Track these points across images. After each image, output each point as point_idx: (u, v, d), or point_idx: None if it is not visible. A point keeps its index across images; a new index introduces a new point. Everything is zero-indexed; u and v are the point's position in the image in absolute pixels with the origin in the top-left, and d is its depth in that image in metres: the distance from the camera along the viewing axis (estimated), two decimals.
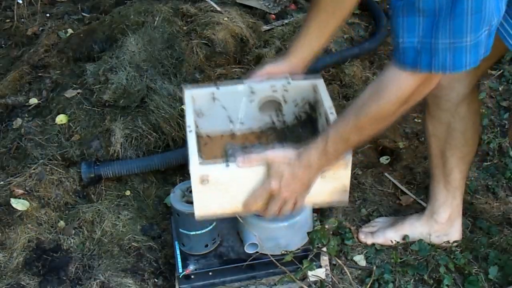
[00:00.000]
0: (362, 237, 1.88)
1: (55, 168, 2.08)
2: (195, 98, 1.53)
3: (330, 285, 1.68)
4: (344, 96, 2.42)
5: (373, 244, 1.86)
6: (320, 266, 1.68)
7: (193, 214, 1.58)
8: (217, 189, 1.34)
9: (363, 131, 1.24)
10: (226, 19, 2.61)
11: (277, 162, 1.29)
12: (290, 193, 1.32)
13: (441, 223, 1.80)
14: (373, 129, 1.24)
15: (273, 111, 1.59)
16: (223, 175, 1.33)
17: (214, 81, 1.66)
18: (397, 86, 1.16)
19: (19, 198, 2.01)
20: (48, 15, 2.98)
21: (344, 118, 1.25)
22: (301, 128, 1.61)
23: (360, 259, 1.83)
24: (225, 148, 1.54)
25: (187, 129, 1.42)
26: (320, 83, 1.54)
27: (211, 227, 1.63)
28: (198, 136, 1.50)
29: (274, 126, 1.62)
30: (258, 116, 1.59)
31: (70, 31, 2.79)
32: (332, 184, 1.39)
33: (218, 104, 1.55)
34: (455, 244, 1.83)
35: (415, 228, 1.83)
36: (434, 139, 1.70)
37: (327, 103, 1.48)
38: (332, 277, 1.71)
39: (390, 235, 1.84)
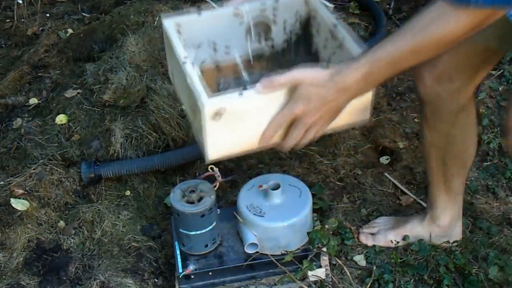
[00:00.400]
0: (362, 239, 1.88)
1: (55, 168, 2.08)
2: (177, 26, 1.35)
3: (330, 285, 1.68)
4: None
5: (374, 245, 1.86)
6: (320, 266, 1.68)
7: (193, 214, 1.59)
8: (231, 123, 1.17)
9: (418, 55, 1.11)
10: None
11: (306, 83, 1.14)
12: (316, 119, 1.17)
13: (443, 227, 1.80)
14: (430, 54, 1.12)
15: (261, 36, 1.45)
16: (238, 106, 1.15)
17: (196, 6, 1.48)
18: (467, 15, 1.05)
19: (19, 198, 2.01)
20: (48, 15, 2.99)
21: (397, 39, 1.10)
22: (294, 51, 1.48)
23: (360, 259, 1.83)
24: (216, 82, 1.40)
25: (181, 61, 1.23)
26: None
27: (211, 227, 1.63)
28: None
29: (263, 53, 1.47)
30: (245, 43, 1.44)
31: (70, 31, 2.79)
32: (354, 102, 1.23)
33: (201, 32, 1.38)
34: (455, 244, 1.83)
35: (416, 233, 1.83)
36: (433, 149, 1.68)
37: (327, 16, 1.31)
38: (332, 277, 1.71)
39: (391, 237, 1.84)
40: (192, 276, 1.64)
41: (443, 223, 1.80)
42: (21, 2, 2.99)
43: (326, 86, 1.13)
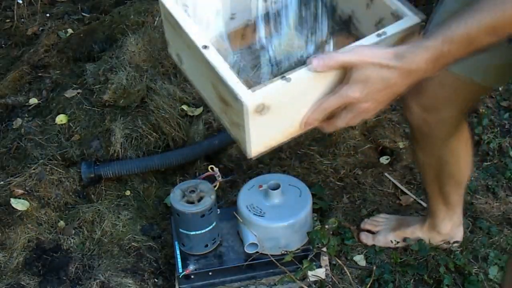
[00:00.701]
0: (363, 238, 1.87)
1: (55, 168, 2.08)
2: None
3: (330, 285, 1.68)
4: None
5: (374, 245, 1.86)
6: (320, 266, 1.68)
7: (193, 214, 1.59)
8: (275, 113, 1.04)
9: (497, 32, 0.97)
10: None
11: (367, 64, 0.99)
12: (372, 104, 1.03)
13: (444, 234, 1.80)
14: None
15: None
16: (284, 94, 1.01)
17: None
18: None
19: (19, 198, 2.01)
20: (48, 15, 2.98)
21: (475, 14, 0.97)
22: (304, 5, 1.31)
23: (360, 259, 1.83)
24: (226, 56, 1.23)
25: (199, 46, 1.07)
26: None
27: (211, 227, 1.63)
28: None
29: (268, 11, 1.33)
30: (248, 3, 1.29)
31: (70, 31, 2.79)
32: None
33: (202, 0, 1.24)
34: (455, 244, 1.83)
35: (417, 236, 1.83)
36: (427, 168, 1.66)
37: None
38: (332, 277, 1.71)
39: (391, 238, 1.84)
40: (192, 276, 1.64)
41: (444, 231, 1.79)
42: (21, 2, 2.99)
43: (390, 68, 0.99)
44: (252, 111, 1.00)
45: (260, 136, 1.07)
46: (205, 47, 1.07)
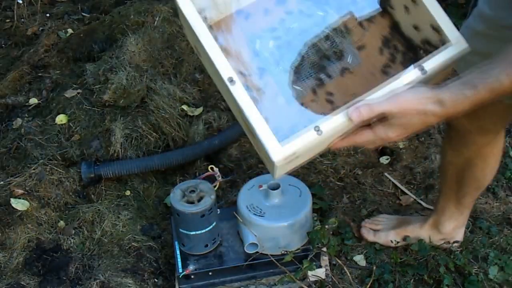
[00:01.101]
0: (364, 232, 1.87)
1: (55, 168, 2.08)
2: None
3: (330, 285, 1.68)
4: None
5: (374, 243, 1.86)
6: (320, 266, 1.68)
7: (193, 214, 1.59)
8: (304, 156, 1.04)
9: None
10: None
11: (411, 112, 1.00)
12: (406, 135, 1.05)
13: (445, 233, 1.80)
14: None
15: None
16: (315, 142, 0.99)
17: None
18: None
19: (19, 198, 2.01)
20: (48, 15, 2.99)
21: None
22: None
23: (360, 259, 1.83)
24: (253, 43, 1.13)
25: (225, 80, 0.98)
26: None
27: (211, 227, 1.63)
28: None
29: None
30: None
31: (70, 31, 2.79)
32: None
33: None
34: (455, 244, 1.83)
35: (417, 234, 1.83)
36: (451, 167, 1.66)
37: None
38: (332, 277, 1.71)
39: (392, 237, 1.84)
40: (192, 276, 1.64)
41: (446, 230, 1.80)
42: (21, 2, 2.99)
43: (431, 114, 1.01)
44: (280, 163, 0.98)
45: (287, 167, 1.06)
46: (231, 80, 0.99)
